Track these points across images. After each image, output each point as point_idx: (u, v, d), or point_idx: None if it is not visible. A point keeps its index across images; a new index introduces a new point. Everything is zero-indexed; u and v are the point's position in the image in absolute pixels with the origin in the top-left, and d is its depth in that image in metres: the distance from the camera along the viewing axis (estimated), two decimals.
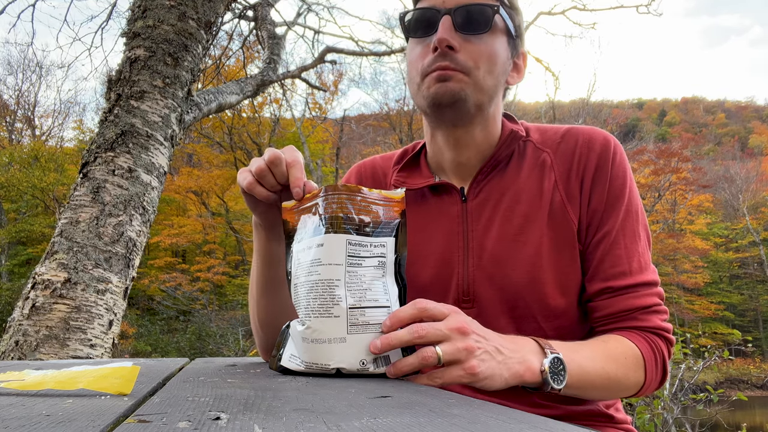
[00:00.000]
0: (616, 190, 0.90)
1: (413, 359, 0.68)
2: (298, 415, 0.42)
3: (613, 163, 0.91)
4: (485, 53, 0.89)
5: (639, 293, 0.87)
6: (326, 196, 0.74)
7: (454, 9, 0.88)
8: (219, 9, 3.15)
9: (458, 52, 0.87)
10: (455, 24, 0.88)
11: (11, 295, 12.90)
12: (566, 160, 0.92)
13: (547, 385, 0.74)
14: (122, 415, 0.42)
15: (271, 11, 5.97)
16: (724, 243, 28.55)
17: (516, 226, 0.90)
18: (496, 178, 0.94)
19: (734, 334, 6.60)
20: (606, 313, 0.88)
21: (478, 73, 0.88)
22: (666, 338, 0.88)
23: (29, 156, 18.18)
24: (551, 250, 0.89)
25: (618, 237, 0.89)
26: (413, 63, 0.93)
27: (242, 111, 14.06)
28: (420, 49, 0.91)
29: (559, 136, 0.95)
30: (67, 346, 2.29)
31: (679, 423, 4.71)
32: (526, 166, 0.94)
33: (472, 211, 0.94)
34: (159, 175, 2.78)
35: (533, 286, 0.88)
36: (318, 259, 0.71)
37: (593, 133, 0.94)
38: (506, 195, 0.92)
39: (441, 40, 0.86)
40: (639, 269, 0.88)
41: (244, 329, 14.12)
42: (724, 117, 51.92)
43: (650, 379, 0.86)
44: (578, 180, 0.91)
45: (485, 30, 0.89)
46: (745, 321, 26.82)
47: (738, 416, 10.45)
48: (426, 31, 0.91)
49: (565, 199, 0.91)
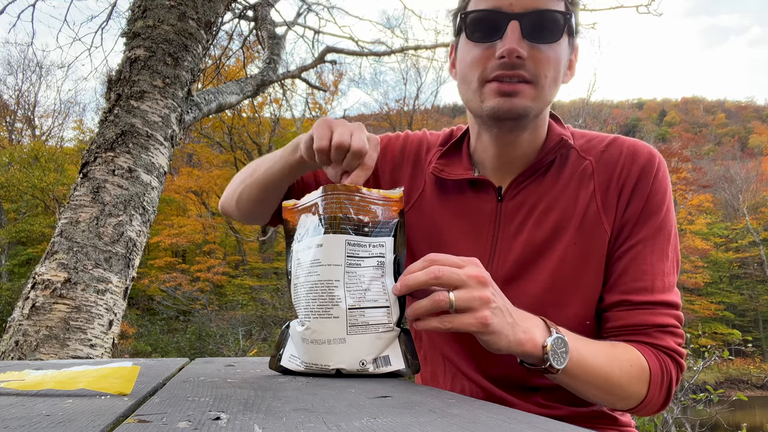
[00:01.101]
0: (653, 205, 0.88)
1: (426, 302, 0.69)
2: (298, 415, 0.42)
3: (655, 178, 0.88)
4: (552, 62, 0.84)
5: (657, 311, 0.84)
6: (325, 196, 0.74)
7: (522, 13, 0.81)
8: (219, 9, 3.15)
9: (525, 60, 0.82)
10: (523, 31, 0.81)
11: (11, 295, 12.89)
12: (608, 169, 0.90)
13: (546, 362, 0.73)
14: (122, 415, 0.42)
15: (271, 11, 5.96)
16: (724, 243, 28.53)
17: (545, 234, 0.88)
18: (536, 182, 0.92)
19: (734, 334, 6.60)
20: (619, 325, 0.86)
21: (544, 83, 0.84)
22: (677, 362, 0.85)
23: (29, 156, 18.17)
24: (577, 259, 0.87)
25: (645, 252, 0.86)
26: (470, 65, 0.87)
27: (242, 111, 14.06)
28: (479, 51, 0.85)
29: (604, 145, 0.93)
30: (67, 346, 2.29)
31: (679, 423, 4.71)
32: (567, 172, 0.91)
33: (506, 212, 0.92)
34: (159, 175, 2.78)
35: (553, 293, 0.87)
36: (317, 260, 0.71)
37: (639, 145, 0.91)
38: (542, 201, 0.90)
39: (511, 50, 0.80)
40: (661, 288, 0.85)
41: (244, 329, 14.12)
42: (724, 117, 51.90)
43: (652, 396, 0.83)
44: (617, 190, 0.89)
45: (556, 40, 0.83)
46: (745, 321, 26.80)
47: (738, 416, 10.45)
48: (489, 36, 0.84)
49: (601, 208, 0.88)
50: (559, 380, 0.79)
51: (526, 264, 0.89)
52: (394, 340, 0.73)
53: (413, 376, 0.84)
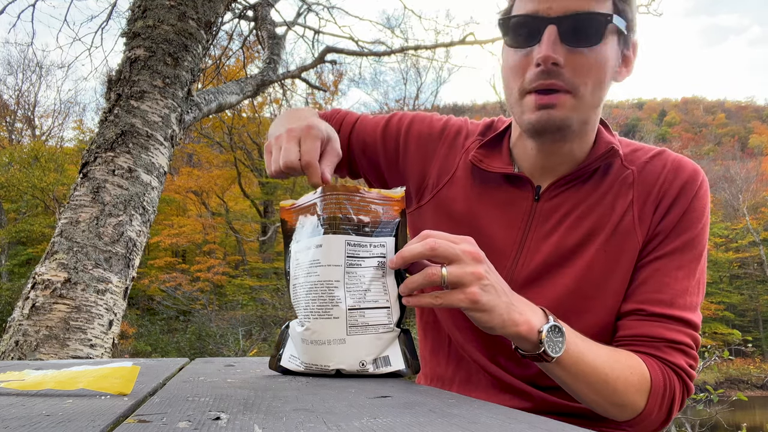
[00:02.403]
0: (689, 221, 0.85)
1: (418, 277, 0.69)
2: (298, 415, 0.42)
3: (696, 196, 0.86)
4: (595, 67, 0.80)
5: (672, 326, 0.81)
6: (324, 196, 0.73)
7: (560, 17, 0.78)
8: (219, 9, 3.15)
9: (564, 67, 0.79)
10: (561, 35, 0.78)
11: (11, 295, 12.88)
12: (649, 180, 0.88)
13: (540, 347, 0.72)
14: (122, 415, 0.42)
15: (271, 11, 5.96)
16: (724, 243, 28.52)
17: (576, 239, 0.87)
18: (576, 187, 0.90)
19: (734, 334, 6.60)
20: (629, 334, 0.83)
21: (585, 90, 0.81)
22: (684, 381, 0.81)
23: (29, 156, 18.17)
24: (605, 266, 0.85)
25: (671, 265, 0.84)
26: (511, 73, 0.85)
27: (242, 111, 14.07)
28: (519, 58, 0.83)
29: (649, 156, 0.91)
30: (67, 346, 2.29)
31: (679, 423, 4.71)
32: (608, 180, 0.89)
33: (541, 212, 0.90)
34: (159, 175, 2.78)
35: (576, 298, 0.85)
36: (317, 260, 0.71)
37: (684, 161, 0.90)
38: (580, 207, 0.88)
39: (546, 57, 0.77)
40: (682, 306, 0.82)
41: (244, 329, 14.12)
42: (724, 117, 51.87)
43: (650, 411, 0.79)
44: (655, 203, 0.87)
45: (596, 44, 0.80)
46: (745, 321, 26.79)
47: (738, 416, 10.45)
48: (527, 41, 0.81)
49: (637, 219, 0.86)
50: (552, 372, 0.77)
51: (552, 267, 0.87)
52: (394, 341, 0.73)
53: (413, 376, 0.84)
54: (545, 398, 0.89)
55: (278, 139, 0.82)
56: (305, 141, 0.79)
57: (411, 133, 1.04)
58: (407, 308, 0.76)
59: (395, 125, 1.05)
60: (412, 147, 1.03)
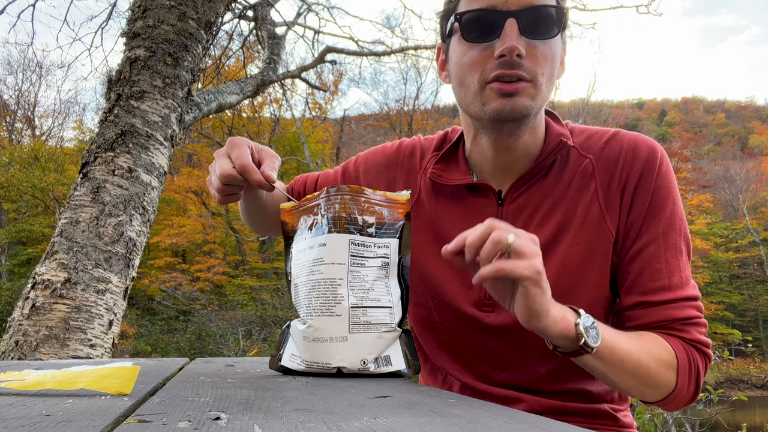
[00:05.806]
0: (659, 201, 0.86)
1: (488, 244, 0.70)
2: (298, 415, 0.42)
3: (659, 173, 0.87)
4: (549, 58, 0.83)
5: (678, 305, 0.84)
6: (328, 197, 0.74)
7: (519, 11, 0.81)
8: (219, 9, 3.15)
9: (524, 58, 0.81)
10: (521, 28, 0.81)
11: (11, 295, 12.89)
12: (609, 167, 0.89)
13: (580, 339, 0.73)
14: (122, 415, 0.42)
15: (271, 11, 5.96)
16: (724, 243, 28.51)
17: (548, 237, 0.87)
18: (536, 184, 0.91)
19: (734, 334, 6.60)
20: (641, 323, 0.85)
21: (542, 80, 0.83)
22: (704, 353, 0.84)
23: (29, 156, 18.17)
24: (581, 261, 0.86)
25: (658, 250, 0.85)
26: (468, 67, 0.85)
27: (242, 111, 14.05)
28: (477, 52, 0.84)
29: (604, 141, 0.91)
30: (67, 346, 2.29)
31: (679, 423, 4.71)
32: (568, 173, 0.90)
33: (507, 216, 0.90)
34: (159, 175, 2.78)
35: (556, 295, 0.85)
36: (321, 258, 0.71)
37: (639, 140, 0.90)
38: (544, 203, 0.89)
39: (512, 48, 0.80)
40: (679, 284, 0.84)
41: (244, 329, 14.12)
42: (724, 117, 51.85)
43: (682, 386, 0.81)
44: (620, 189, 0.87)
45: (552, 36, 0.83)
46: (745, 321, 26.78)
47: (738, 416, 10.45)
48: (486, 35, 0.83)
49: (604, 208, 0.87)
50: (590, 365, 0.77)
51: None
52: (395, 341, 0.73)
53: (414, 376, 0.84)
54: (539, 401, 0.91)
55: (210, 167, 0.86)
56: (232, 151, 0.82)
57: (369, 168, 1.06)
58: (407, 310, 0.76)
59: (353, 166, 1.09)
60: (373, 180, 1.05)
